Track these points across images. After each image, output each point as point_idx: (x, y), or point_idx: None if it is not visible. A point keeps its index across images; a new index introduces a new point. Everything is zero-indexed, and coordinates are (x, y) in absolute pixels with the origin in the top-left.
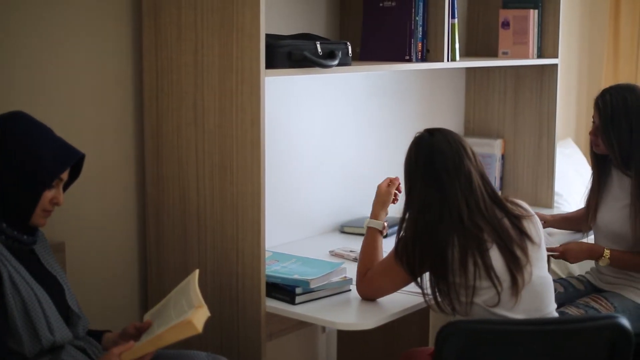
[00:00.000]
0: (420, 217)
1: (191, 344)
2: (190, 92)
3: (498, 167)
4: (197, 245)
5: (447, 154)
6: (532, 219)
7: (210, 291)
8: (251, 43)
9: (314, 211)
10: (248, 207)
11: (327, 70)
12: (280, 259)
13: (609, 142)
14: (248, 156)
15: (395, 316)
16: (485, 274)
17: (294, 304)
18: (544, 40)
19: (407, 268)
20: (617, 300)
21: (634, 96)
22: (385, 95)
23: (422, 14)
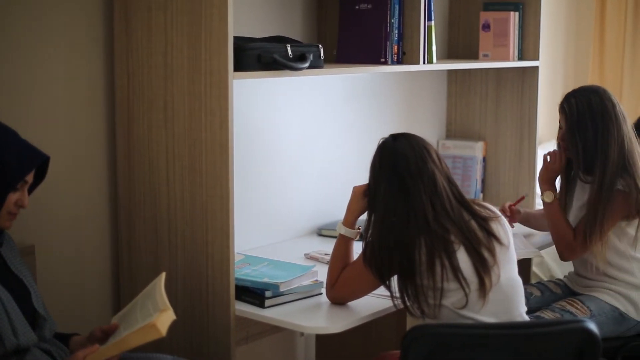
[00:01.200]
0: (386, 221)
1: (162, 348)
2: (161, 95)
3: (479, 169)
4: (168, 248)
5: (410, 157)
6: (499, 221)
7: (181, 294)
8: (219, 46)
9: (292, 214)
10: (217, 210)
11: (298, 73)
12: (251, 262)
13: (574, 146)
14: (217, 159)
15: (364, 319)
16: (452, 276)
17: (263, 307)
18: (525, 43)
19: (376, 272)
20: (593, 304)
21: (598, 98)
22: (365, 98)
23: (398, 16)
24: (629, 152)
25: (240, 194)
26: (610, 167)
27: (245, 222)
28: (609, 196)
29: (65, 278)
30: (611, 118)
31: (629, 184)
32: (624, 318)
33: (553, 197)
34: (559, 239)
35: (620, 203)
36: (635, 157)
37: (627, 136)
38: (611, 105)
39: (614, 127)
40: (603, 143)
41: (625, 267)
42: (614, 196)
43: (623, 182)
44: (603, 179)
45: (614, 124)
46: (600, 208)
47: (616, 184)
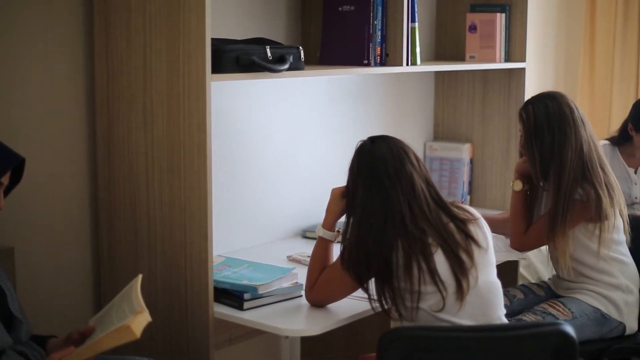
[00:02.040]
0: (364, 223)
1: (142, 349)
2: (140, 97)
3: (466, 171)
4: (148, 250)
5: (388, 160)
6: (478, 223)
7: (161, 296)
8: (197, 48)
9: (276, 216)
10: (196, 212)
11: (277, 75)
12: (232, 264)
13: (532, 153)
14: (195, 161)
15: (343, 322)
16: (430, 279)
17: (242, 309)
18: (512, 44)
19: (354, 275)
20: (574, 306)
21: (556, 103)
22: (351, 100)
23: (381, 18)
24: (588, 158)
25: (224, 196)
26: (567, 173)
27: (229, 224)
28: (567, 206)
29: (45, 280)
30: (569, 123)
31: (587, 193)
32: (606, 319)
33: (521, 186)
34: (513, 229)
35: (578, 212)
36: (594, 163)
37: (586, 141)
38: (569, 110)
39: (572, 132)
40: (560, 148)
41: (605, 268)
42: (572, 206)
43: (581, 191)
44: (560, 186)
45: (571, 129)
46: (559, 218)
47: (574, 194)
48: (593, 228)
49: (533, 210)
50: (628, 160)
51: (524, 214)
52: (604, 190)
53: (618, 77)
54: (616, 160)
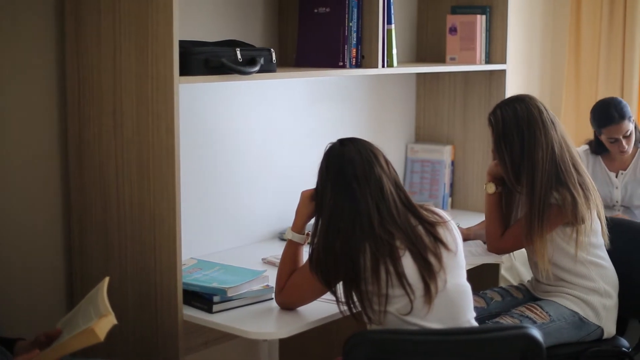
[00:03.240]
0: (332, 226)
1: (114, 352)
2: (110, 99)
3: (448, 173)
4: (118, 253)
5: (356, 162)
6: (447, 226)
7: (131, 299)
8: (165, 50)
9: (254, 218)
10: (165, 215)
11: (247, 77)
12: (203, 267)
13: (502, 157)
14: (164, 164)
15: (313, 325)
16: (397, 282)
17: (211, 312)
18: (492, 46)
19: (322, 278)
20: (552, 309)
21: (524, 106)
22: (330, 102)
23: (357, 20)
24: (561, 159)
25: (201, 198)
26: (539, 175)
27: (205, 227)
28: (543, 210)
29: (17, 282)
30: (538, 124)
31: (563, 196)
32: (584, 323)
33: (494, 189)
34: (488, 233)
35: (555, 217)
36: (567, 164)
37: (557, 142)
38: (537, 112)
39: (541, 134)
40: (530, 150)
41: (583, 272)
42: (549, 210)
43: (557, 194)
44: (533, 188)
45: (540, 131)
46: (535, 222)
47: (550, 198)
48: (570, 231)
49: (511, 213)
50: (609, 164)
51: (498, 217)
52: (579, 191)
53: (603, 78)
54: (597, 164)
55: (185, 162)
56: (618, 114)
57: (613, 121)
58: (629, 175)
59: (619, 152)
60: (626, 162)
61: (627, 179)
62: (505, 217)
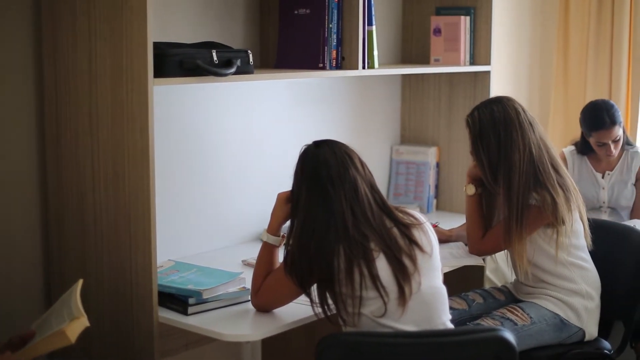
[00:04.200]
0: (306, 228)
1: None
2: (86, 101)
3: (433, 175)
4: (95, 255)
5: (331, 164)
6: (422, 228)
7: (108, 301)
8: (139, 51)
9: (235, 220)
10: (139, 217)
11: (223, 79)
12: (180, 269)
13: (479, 158)
14: (138, 166)
15: (288, 327)
16: (371, 284)
17: (186, 314)
18: (477, 47)
19: (297, 281)
20: (533, 311)
21: (501, 107)
22: (314, 103)
23: (337, 21)
24: (539, 160)
25: (181, 200)
26: (517, 177)
27: (186, 229)
28: (522, 211)
29: None
30: (515, 126)
31: (542, 197)
32: (565, 325)
33: (474, 191)
34: (469, 234)
35: (534, 218)
36: (545, 165)
37: (535, 144)
38: (515, 113)
39: (518, 135)
40: (507, 151)
41: (564, 274)
42: (528, 211)
43: (537, 195)
44: (510, 190)
45: (517, 132)
46: (514, 223)
47: (529, 199)
48: (551, 232)
49: (492, 215)
50: (595, 165)
51: (479, 219)
52: (558, 192)
53: (592, 79)
54: (584, 165)
55: (165, 163)
56: (610, 119)
57: (604, 126)
58: (615, 176)
59: (606, 156)
60: (613, 163)
61: (613, 179)
62: (487, 218)
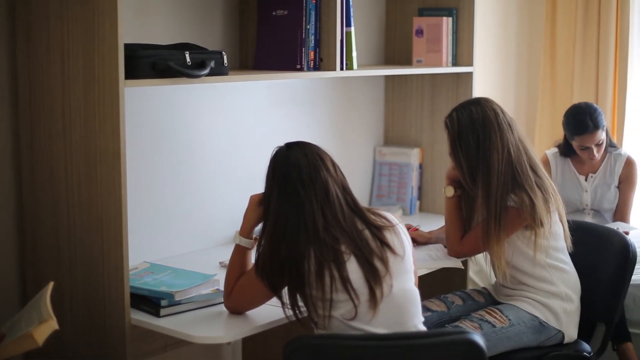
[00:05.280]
0: (277, 231)
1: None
2: (59, 103)
3: (415, 176)
4: (68, 256)
5: (302, 166)
6: (395, 230)
7: (81, 302)
8: (110, 53)
9: (214, 222)
10: (112, 219)
11: (195, 81)
12: (155, 271)
13: (458, 160)
14: (110, 168)
15: (260, 329)
16: (342, 287)
17: (158, 316)
18: (459, 48)
19: (268, 283)
20: (512, 313)
21: (479, 108)
22: (296, 105)
23: (314, 22)
24: (517, 162)
25: (159, 202)
26: (495, 178)
27: (164, 230)
28: (500, 212)
29: None
30: (493, 127)
31: (520, 198)
32: (544, 327)
33: (453, 192)
34: (448, 236)
35: (513, 219)
36: (524, 167)
37: (513, 145)
38: (493, 115)
39: (497, 136)
40: (485, 153)
41: (544, 276)
42: (506, 213)
43: (515, 197)
44: (489, 191)
45: (496, 133)
46: (492, 225)
47: (507, 200)
48: (530, 234)
49: (472, 217)
50: (578, 167)
51: (458, 221)
52: (537, 194)
53: (579, 79)
54: (567, 168)
55: (145, 165)
56: (593, 123)
57: (587, 130)
58: (598, 178)
59: (589, 159)
60: (596, 166)
61: (596, 182)
62: (467, 220)
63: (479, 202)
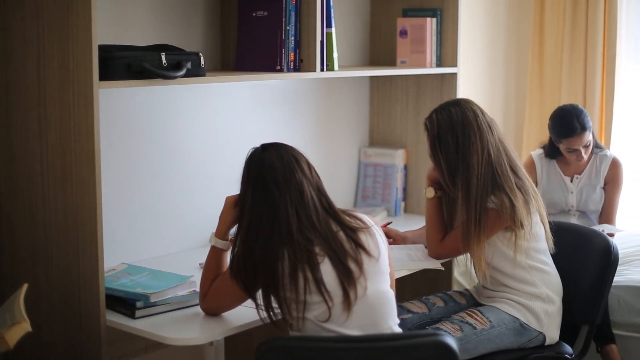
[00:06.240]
0: (251, 232)
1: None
2: (35, 105)
3: (400, 177)
4: (45, 258)
5: (277, 167)
6: (370, 231)
7: (57, 303)
8: (84, 54)
9: (195, 223)
10: (87, 220)
11: (171, 82)
12: (132, 272)
13: (437, 161)
14: (85, 170)
15: (235, 330)
16: (315, 289)
17: (134, 318)
18: (444, 49)
19: (242, 285)
20: (493, 315)
21: (459, 109)
22: (278, 106)
23: (294, 23)
24: (497, 163)
25: (139, 203)
26: (475, 180)
27: (145, 231)
28: (480, 214)
29: None
30: (472, 128)
31: (500, 200)
32: (525, 329)
33: (433, 194)
34: (428, 237)
35: (493, 221)
36: (504, 168)
37: (493, 146)
38: (473, 116)
39: (476, 137)
40: (465, 154)
41: (524, 277)
42: (486, 215)
43: (495, 198)
44: (469, 193)
45: (475, 134)
46: (472, 226)
47: (487, 202)
48: (510, 236)
49: (453, 218)
50: (564, 168)
51: (438, 222)
52: (517, 195)
53: (567, 80)
54: (552, 169)
55: (124, 167)
56: (580, 125)
57: (575, 133)
58: (584, 179)
59: (577, 161)
60: (581, 167)
61: (582, 183)
62: (448, 221)
63: (460, 204)
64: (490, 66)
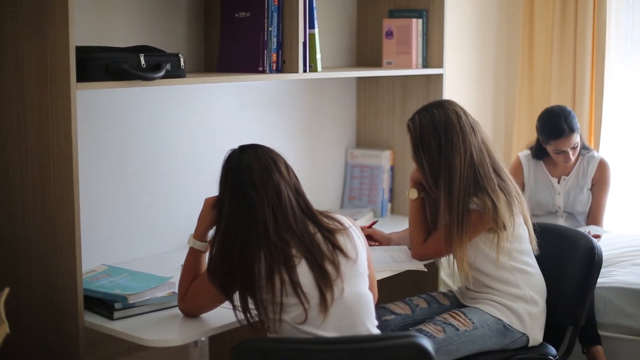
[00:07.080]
0: (229, 234)
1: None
2: (14, 106)
3: (387, 178)
4: (24, 260)
5: (254, 169)
6: (348, 233)
7: (37, 306)
8: (62, 55)
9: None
10: (65, 222)
11: (150, 83)
12: (112, 273)
13: (420, 163)
14: (63, 171)
15: (213, 332)
16: (292, 291)
17: (112, 319)
18: (430, 50)
19: (220, 286)
20: (476, 316)
21: (442, 110)
22: (264, 107)
23: (277, 24)
24: (480, 164)
25: (121, 204)
26: (457, 181)
27: (126, 233)
28: (462, 215)
29: None
30: (455, 129)
31: (483, 201)
32: (508, 330)
33: (417, 195)
34: (411, 239)
35: (475, 222)
36: (486, 169)
37: (476, 147)
38: (456, 117)
39: (459, 139)
40: (447, 155)
41: (508, 278)
42: (468, 216)
43: (477, 200)
44: (451, 194)
45: (458, 136)
46: (454, 228)
47: (469, 203)
48: (493, 237)
49: (437, 220)
50: (551, 169)
51: (421, 223)
52: (499, 197)
53: (556, 81)
54: (539, 170)
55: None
56: (568, 127)
57: (563, 134)
58: (571, 181)
59: (565, 162)
60: (569, 168)
61: (569, 184)
62: (432, 223)
63: (442, 205)
64: (480, 67)
